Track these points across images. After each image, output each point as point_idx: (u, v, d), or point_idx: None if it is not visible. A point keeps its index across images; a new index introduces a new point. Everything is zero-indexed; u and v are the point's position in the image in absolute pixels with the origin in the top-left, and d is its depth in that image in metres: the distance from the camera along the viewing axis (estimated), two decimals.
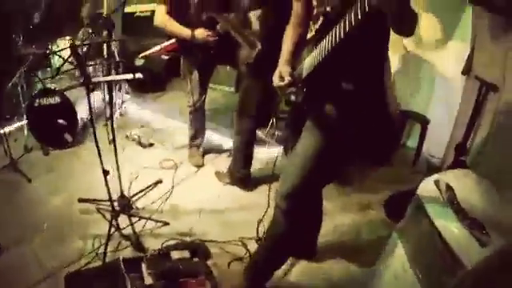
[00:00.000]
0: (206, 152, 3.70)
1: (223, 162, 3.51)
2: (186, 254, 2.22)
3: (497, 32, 2.36)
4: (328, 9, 1.52)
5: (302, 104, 1.75)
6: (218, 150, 3.82)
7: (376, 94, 1.71)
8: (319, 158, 1.69)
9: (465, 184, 1.83)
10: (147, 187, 2.99)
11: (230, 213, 2.84)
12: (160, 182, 3.08)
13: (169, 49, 3.06)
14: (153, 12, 3.13)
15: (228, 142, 3.88)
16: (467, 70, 3.14)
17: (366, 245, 2.59)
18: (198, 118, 3.49)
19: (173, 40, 3.01)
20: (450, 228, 1.57)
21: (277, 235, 1.93)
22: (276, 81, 1.80)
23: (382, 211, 2.97)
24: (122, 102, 4.16)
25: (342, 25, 1.29)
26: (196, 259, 2.21)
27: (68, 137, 3.64)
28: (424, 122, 3.78)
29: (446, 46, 3.53)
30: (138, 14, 4.86)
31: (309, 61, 1.64)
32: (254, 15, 2.93)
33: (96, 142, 2.23)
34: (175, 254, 2.19)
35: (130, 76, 2.17)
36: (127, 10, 5.04)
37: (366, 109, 1.73)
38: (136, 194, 2.86)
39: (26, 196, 2.98)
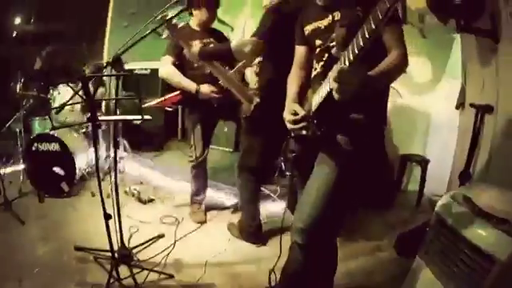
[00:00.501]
0: (208, 209, 3.59)
1: (226, 219, 3.42)
2: None
3: (485, 55, 2.47)
4: (332, 44, 1.59)
5: (313, 137, 1.73)
6: (220, 207, 3.72)
7: (379, 125, 1.80)
8: (335, 189, 1.67)
9: (480, 192, 1.85)
10: (149, 240, 2.85)
11: (238, 266, 2.69)
12: (162, 236, 2.94)
13: (173, 100, 3.08)
14: (152, 71, 3.22)
15: (230, 199, 3.83)
16: (461, 104, 3.24)
17: (380, 284, 2.53)
18: (201, 174, 3.44)
19: (177, 92, 3.05)
20: (477, 232, 1.58)
21: (294, 273, 1.83)
22: (288, 117, 1.79)
23: (392, 252, 2.91)
24: (121, 158, 4.10)
25: (346, 56, 1.35)
26: None
27: (65, 186, 3.60)
28: (424, 163, 3.79)
29: (437, 86, 3.67)
30: (136, 71, 4.93)
31: (317, 97, 1.66)
32: (249, 70, 3.03)
33: (99, 183, 2.16)
34: None
35: (138, 117, 2.16)
36: (126, 66, 5.11)
37: (374, 138, 1.80)
38: (137, 246, 2.71)
39: (18, 238, 2.89)
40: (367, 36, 1.24)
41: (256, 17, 5.09)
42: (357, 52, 1.29)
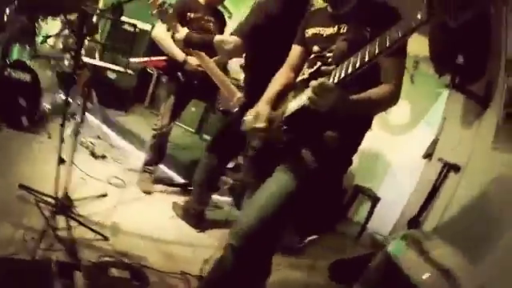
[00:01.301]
0: (157, 181, 3.49)
1: (172, 196, 3.36)
2: (126, 274, 1.95)
3: (469, 117, 2.56)
4: (328, 55, 1.53)
5: (276, 142, 1.68)
6: (169, 183, 3.63)
7: (350, 151, 1.76)
8: (287, 201, 1.60)
9: (431, 240, 1.91)
10: (92, 196, 2.71)
11: (173, 246, 2.60)
12: (105, 195, 2.81)
13: (158, 64, 2.98)
14: (140, 30, 3.11)
15: (180, 179, 3.76)
16: (429, 155, 3.35)
17: None
18: (160, 145, 3.35)
19: (164, 57, 2.95)
20: (421, 276, 1.63)
21: (221, 272, 1.75)
22: (250, 120, 1.73)
23: (325, 274, 2.94)
24: (83, 114, 3.90)
25: (337, 71, 1.33)
26: (136, 283, 1.95)
27: (24, 120, 3.42)
28: (374, 200, 3.90)
29: (411, 131, 3.78)
30: (126, 27, 4.71)
31: (295, 103, 1.59)
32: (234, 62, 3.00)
33: (63, 124, 2.04)
34: (114, 272, 1.92)
35: (121, 68, 2.05)
36: (124, 18, 4.71)
37: (340, 163, 1.77)
38: (80, 199, 2.56)
39: None
40: (366, 59, 1.21)
41: None
42: (349, 71, 1.27)
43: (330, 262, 3.02)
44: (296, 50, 1.88)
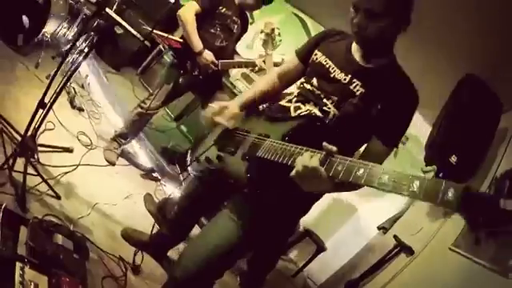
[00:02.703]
0: (123, 156, 3.36)
1: (134, 176, 3.29)
2: (70, 245, 1.87)
3: (437, 210, 2.65)
4: (325, 101, 1.50)
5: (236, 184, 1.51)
6: (134, 163, 3.48)
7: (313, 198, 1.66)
8: (237, 248, 1.54)
9: None
10: (57, 147, 2.58)
11: (120, 227, 2.50)
12: (71, 150, 2.68)
13: (172, 44, 2.90)
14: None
15: (147, 162, 3.64)
16: (383, 228, 3.44)
17: None
18: (140, 124, 3.26)
19: (181, 40, 2.88)
20: None
21: None
22: (213, 110, 1.64)
23: None
24: (81, 52, 3.72)
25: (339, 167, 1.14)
26: (77, 256, 1.86)
27: (20, 39, 3.24)
28: (320, 248, 3.94)
29: (377, 196, 3.87)
30: None
31: (272, 145, 1.39)
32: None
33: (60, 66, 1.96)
34: (59, 239, 1.83)
35: (141, 37, 1.98)
36: None
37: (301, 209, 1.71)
38: (45, 146, 2.44)
39: None
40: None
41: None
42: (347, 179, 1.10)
43: None
44: (293, 63, 1.73)
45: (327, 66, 1.55)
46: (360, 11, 1.37)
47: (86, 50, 3.56)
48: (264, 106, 1.89)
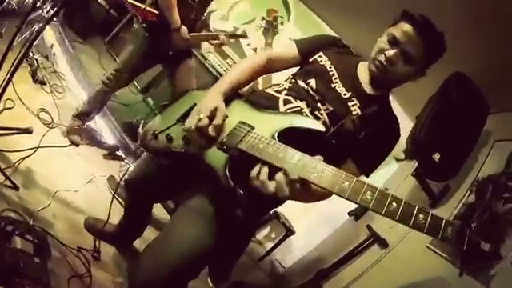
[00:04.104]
0: (86, 134, 3.07)
1: (96, 155, 3.06)
2: (30, 248, 1.68)
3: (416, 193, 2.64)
4: (319, 105, 1.42)
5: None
6: (98, 141, 3.24)
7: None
8: (201, 260, 1.37)
9: None
10: (15, 129, 2.32)
11: (82, 215, 2.29)
12: (30, 132, 2.41)
13: (147, 15, 2.61)
14: None
15: (110, 140, 3.41)
16: (354, 215, 3.43)
17: None
18: (104, 100, 3.00)
19: (157, 12, 2.61)
20: None
21: None
22: (201, 119, 1.30)
23: None
24: (50, 20, 3.35)
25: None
26: (38, 260, 1.68)
27: None
28: (289, 232, 3.89)
29: None
30: None
31: (255, 141, 1.25)
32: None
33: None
34: (18, 243, 1.63)
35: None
36: None
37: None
38: (2, 128, 2.19)
39: None
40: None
41: (254, 3, 4.84)
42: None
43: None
44: (290, 53, 1.61)
45: (331, 73, 1.49)
46: (397, 48, 1.38)
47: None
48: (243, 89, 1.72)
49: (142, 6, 2.52)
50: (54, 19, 3.66)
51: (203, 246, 1.31)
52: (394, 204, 1.00)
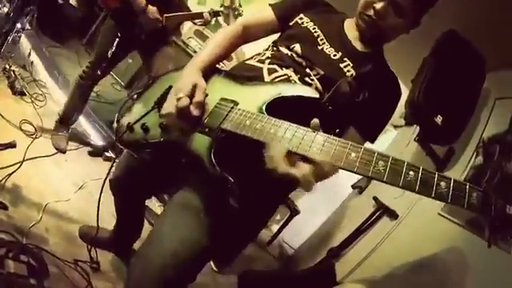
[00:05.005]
0: (72, 137, 3.00)
1: (84, 160, 2.93)
2: (24, 269, 1.58)
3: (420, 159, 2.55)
4: (309, 71, 1.30)
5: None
6: (84, 143, 3.14)
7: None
8: (199, 254, 1.20)
9: None
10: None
11: (76, 226, 2.19)
12: (13, 146, 2.28)
13: (110, 3, 2.45)
14: None
15: (98, 139, 3.30)
16: (359, 187, 3.35)
17: None
18: (83, 96, 2.87)
19: None
20: None
21: None
22: (182, 101, 1.14)
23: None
24: (22, 30, 3.18)
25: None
26: (33, 281, 1.58)
27: None
28: (294, 212, 3.83)
29: None
30: None
31: (240, 118, 1.10)
32: None
33: None
34: (11, 266, 1.53)
35: None
36: None
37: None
38: None
39: None
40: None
41: None
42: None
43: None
44: (267, 18, 1.48)
45: (316, 34, 1.36)
46: (386, 0, 1.27)
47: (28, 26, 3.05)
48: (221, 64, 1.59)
49: None
50: (28, 27, 3.47)
51: (195, 244, 1.16)
52: (412, 173, 0.86)
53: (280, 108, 1.11)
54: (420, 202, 2.39)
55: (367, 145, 1.33)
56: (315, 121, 0.98)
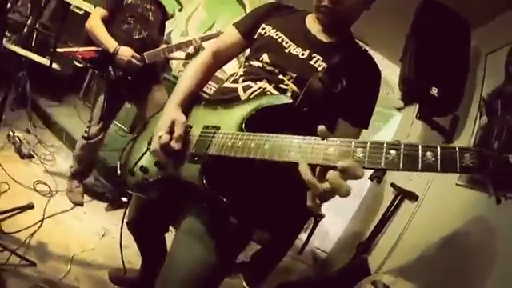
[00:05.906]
0: (87, 190, 3.03)
1: (102, 210, 2.98)
2: None
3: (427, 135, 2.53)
4: (282, 77, 1.30)
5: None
6: (99, 193, 3.15)
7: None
8: (211, 274, 1.26)
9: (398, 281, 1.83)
10: (17, 208, 2.26)
11: (105, 270, 2.23)
12: (31, 207, 2.36)
13: (86, 56, 2.54)
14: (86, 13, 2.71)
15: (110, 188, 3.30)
16: (376, 177, 3.33)
17: None
18: (90, 155, 2.92)
19: (93, 48, 2.55)
20: None
21: None
22: (163, 139, 1.22)
23: None
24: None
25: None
26: None
27: None
28: (318, 217, 3.80)
29: None
30: (74, 8, 4.00)
31: (222, 141, 1.14)
32: None
33: None
34: None
35: (46, 62, 1.68)
36: None
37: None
38: (4, 212, 2.14)
39: None
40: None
41: (209, 9, 4.78)
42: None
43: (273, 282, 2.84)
44: (232, 38, 1.50)
45: (280, 40, 1.37)
46: None
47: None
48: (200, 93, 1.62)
49: (74, 49, 2.47)
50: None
51: (205, 265, 1.23)
52: (393, 152, 0.81)
53: (259, 121, 1.15)
54: (436, 178, 2.37)
55: (364, 133, 1.36)
56: (322, 127, 0.92)
